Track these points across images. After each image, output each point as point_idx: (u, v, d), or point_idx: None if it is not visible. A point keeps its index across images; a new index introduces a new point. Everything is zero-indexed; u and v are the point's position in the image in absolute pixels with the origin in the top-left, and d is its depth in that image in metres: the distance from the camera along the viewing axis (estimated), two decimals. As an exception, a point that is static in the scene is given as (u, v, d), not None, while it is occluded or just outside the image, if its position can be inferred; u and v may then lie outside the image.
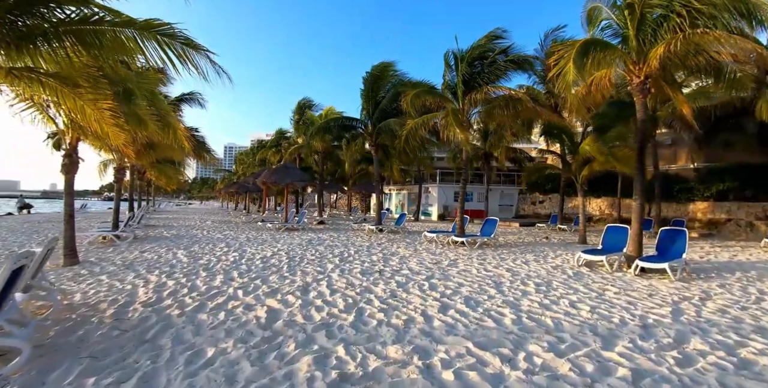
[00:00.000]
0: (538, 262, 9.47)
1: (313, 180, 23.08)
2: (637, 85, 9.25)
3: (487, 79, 12.94)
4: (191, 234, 14.45)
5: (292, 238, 13.44)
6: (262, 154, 36.05)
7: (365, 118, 17.83)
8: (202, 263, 8.25)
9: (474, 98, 12.12)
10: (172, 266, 7.94)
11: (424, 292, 5.95)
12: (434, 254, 10.21)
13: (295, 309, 4.93)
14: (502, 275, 7.54)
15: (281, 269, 7.60)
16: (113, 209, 13.31)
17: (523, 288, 6.50)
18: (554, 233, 18.49)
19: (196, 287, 6.12)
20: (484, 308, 5.24)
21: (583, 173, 14.76)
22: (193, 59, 5.66)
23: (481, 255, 10.27)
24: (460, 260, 9.31)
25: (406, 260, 9.03)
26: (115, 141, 6.67)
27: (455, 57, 13.85)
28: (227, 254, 9.52)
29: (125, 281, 6.63)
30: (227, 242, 12.07)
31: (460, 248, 11.55)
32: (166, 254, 9.54)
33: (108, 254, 9.60)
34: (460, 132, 11.57)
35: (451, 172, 31.36)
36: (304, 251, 10.05)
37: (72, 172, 8.60)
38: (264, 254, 9.57)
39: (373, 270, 7.59)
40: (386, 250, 10.75)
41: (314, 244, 11.79)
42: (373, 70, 17.01)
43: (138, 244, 11.50)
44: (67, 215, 8.65)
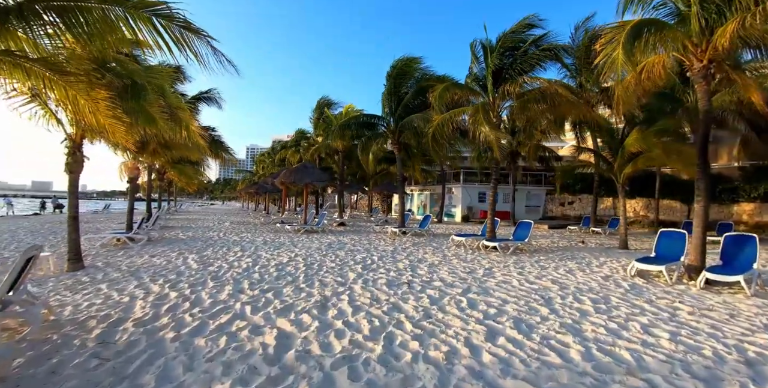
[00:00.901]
0: (583, 271, 8.42)
1: (333, 180, 22.35)
2: (699, 71, 8.11)
3: (519, 70, 11.93)
4: (207, 236, 13.87)
5: (311, 241, 12.68)
6: (281, 155, 35.64)
7: (387, 115, 16.98)
8: (211, 270, 7.52)
9: (506, 91, 11.09)
10: (179, 273, 7.23)
11: (463, 311, 5.02)
12: (466, 261, 9.26)
13: (311, 334, 4.08)
14: (548, 289, 6.55)
15: (297, 278, 6.79)
16: (127, 210, 12.83)
17: (579, 306, 5.51)
18: (588, 237, 17.24)
19: (200, 300, 5.36)
20: (539, 333, 4.29)
21: (625, 171, 13.52)
22: (192, 45, 4.89)
23: (517, 262, 9.27)
24: (495, 268, 8.33)
25: (435, 268, 8.11)
26: (115, 135, 5.98)
27: (483, 48, 12.88)
28: (240, 259, 8.79)
29: (125, 291, 5.94)
30: (242, 245, 11.38)
31: (493, 254, 10.55)
32: (176, 259, 8.87)
33: (116, 258, 9.01)
34: (490, 130, 10.58)
35: (475, 172, 30.19)
36: (323, 257, 9.24)
37: (76, 171, 8.02)
38: (280, 259, 8.80)
39: (401, 281, 6.69)
40: (412, 256, 9.84)
41: (334, 248, 10.98)
42: (396, 65, 16.15)
43: (151, 247, 10.92)
44: (71, 217, 8.08)
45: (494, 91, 12.06)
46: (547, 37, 11.95)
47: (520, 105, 11.96)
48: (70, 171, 7.94)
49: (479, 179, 30.64)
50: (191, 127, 8.35)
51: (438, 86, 11.95)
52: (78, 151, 8.04)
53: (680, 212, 25.64)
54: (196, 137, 8.38)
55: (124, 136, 5.98)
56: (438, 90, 11.78)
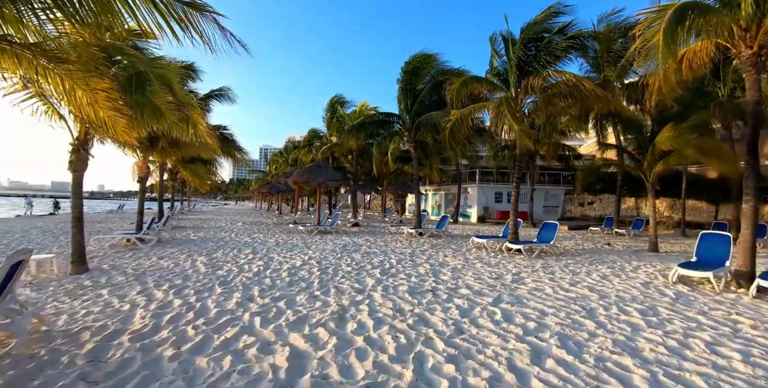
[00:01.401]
0: (618, 276, 7.76)
1: (346, 180, 21.88)
2: (748, 59, 7.39)
3: (544, 62, 11.27)
4: (218, 237, 13.48)
5: (325, 242, 12.18)
6: (294, 155, 35.31)
7: (403, 112, 16.40)
8: (220, 274, 7.06)
9: (531, 84, 10.44)
10: (186, 277, 6.78)
11: (498, 325, 4.44)
12: (490, 264, 8.65)
13: (328, 353, 3.54)
14: (587, 297, 5.92)
15: (311, 284, 6.27)
16: (137, 210, 12.51)
17: (627, 319, 4.88)
18: (613, 238, 16.45)
19: (205, 310, 4.88)
20: (592, 354, 3.69)
21: (656, 170, 12.71)
22: (196, 24, 4.38)
23: (545, 267, 8.64)
24: (524, 273, 7.72)
25: (459, 273, 7.52)
26: (115, 129, 5.54)
27: (504, 40, 12.26)
28: (251, 262, 8.32)
29: (126, 298, 5.49)
30: (254, 247, 10.94)
31: (517, 258, 9.92)
32: (185, 261, 8.45)
33: (124, 260, 8.64)
34: (515, 123, 9.93)
35: (491, 172, 29.43)
36: (338, 260, 8.72)
37: (80, 169, 7.63)
38: (293, 262, 8.30)
39: (424, 288, 6.12)
40: (432, 259, 9.27)
41: (349, 250, 10.46)
42: (412, 61, 15.54)
43: (160, 248, 10.55)
44: (75, 218, 7.72)
45: (517, 85, 11.43)
46: (573, 24, 11.26)
47: (544, 99, 11.29)
48: (74, 170, 7.57)
49: (495, 179, 29.90)
50: (199, 124, 7.90)
51: (456, 81, 11.36)
52: (82, 148, 7.66)
53: (707, 212, 24.60)
54: (204, 135, 7.93)
55: (125, 131, 5.54)
56: (456, 84, 11.19)
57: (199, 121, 7.87)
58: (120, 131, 5.47)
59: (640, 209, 27.48)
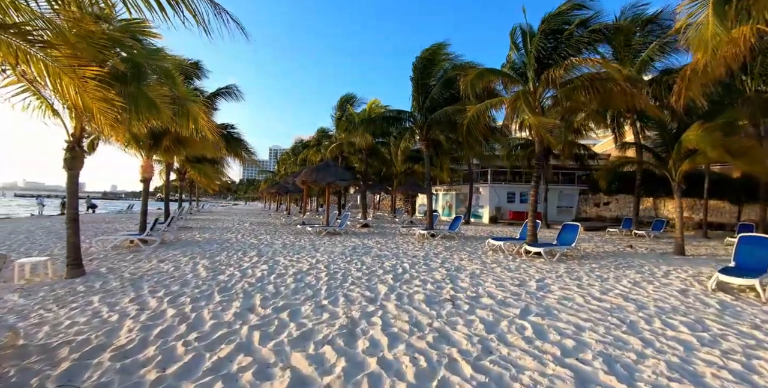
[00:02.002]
0: (650, 283, 7.13)
1: (356, 179, 21.37)
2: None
3: (565, 54, 10.64)
4: (224, 238, 13.06)
5: (334, 244, 11.68)
6: (303, 154, 34.91)
7: (414, 109, 15.84)
8: (221, 279, 6.58)
9: (552, 76, 9.82)
10: (184, 283, 6.32)
11: (531, 343, 3.88)
12: (510, 269, 8.07)
13: (336, 381, 3.01)
14: (624, 308, 5.33)
15: (318, 292, 5.75)
16: (141, 210, 12.13)
17: (675, 335, 4.29)
18: (633, 240, 15.75)
19: (200, 322, 4.39)
20: (647, 382, 3.12)
21: (682, 168, 11.99)
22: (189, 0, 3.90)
23: (570, 272, 8.04)
24: (548, 279, 7.13)
25: (478, 279, 6.96)
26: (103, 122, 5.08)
27: (523, 33, 11.66)
28: (255, 266, 7.83)
29: (117, 306, 5.04)
30: (260, 249, 10.47)
31: (538, 261, 9.33)
32: (186, 264, 8.00)
33: (123, 263, 8.22)
34: (533, 117, 9.32)
35: (504, 171, 28.73)
36: (347, 264, 8.20)
37: (75, 167, 7.20)
38: (299, 267, 7.80)
39: (442, 297, 5.57)
40: (447, 262, 8.71)
41: (359, 253, 9.94)
42: (424, 54, 14.95)
43: (163, 250, 10.14)
44: (70, 219, 7.26)
45: (536, 78, 10.81)
46: (597, 16, 10.62)
47: (564, 93, 10.67)
48: (69, 168, 7.14)
49: (508, 178, 29.20)
50: (200, 118, 7.44)
51: (471, 72, 10.77)
52: (77, 146, 7.23)
53: (729, 213, 23.66)
54: (205, 131, 7.48)
55: (114, 124, 5.07)
56: (471, 76, 10.60)
57: (200, 116, 7.41)
58: (108, 124, 5.00)
59: (658, 209, 26.58)
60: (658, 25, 17.83)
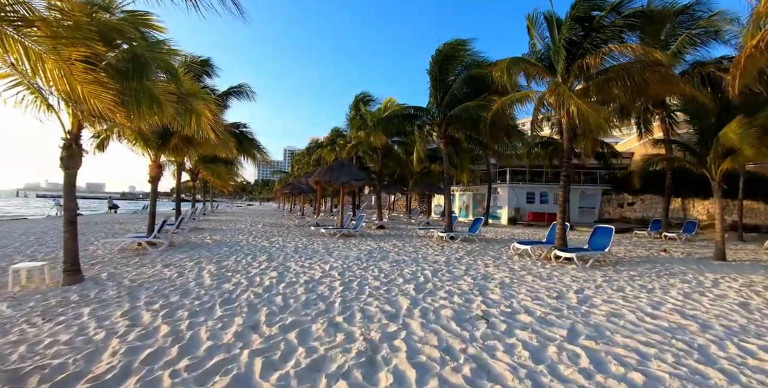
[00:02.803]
0: (702, 295, 6.33)
1: (371, 180, 20.71)
2: None
3: (598, 41, 9.82)
4: (235, 241, 12.55)
5: (349, 248, 11.05)
6: (317, 154, 34.45)
7: (432, 106, 15.12)
8: (226, 288, 6.00)
9: (587, 64, 9.02)
10: (185, 292, 5.75)
11: (590, 378, 3.16)
12: (542, 277, 7.32)
13: (354, 433, 2.38)
14: (685, 328, 4.56)
15: (332, 305, 5.10)
16: (149, 212, 11.69)
17: (757, 364, 3.54)
18: (664, 243, 14.84)
19: (195, 343, 3.79)
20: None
21: (722, 167, 11.05)
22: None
23: (608, 280, 7.26)
24: (588, 290, 6.37)
25: (510, 289, 6.23)
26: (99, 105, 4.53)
27: (548, 20, 10.89)
28: (264, 273, 7.23)
29: (106, 321, 4.48)
30: (270, 253, 9.90)
31: (569, 267, 8.56)
32: (191, 270, 7.46)
33: (126, 268, 7.73)
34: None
35: (523, 171, 27.78)
36: (363, 271, 7.54)
37: (72, 167, 6.71)
38: (311, 274, 7.17)
39: (474, 314, 4.85)
40: (472, 269, 8.00)
41: (376, 258, 9.29)
42: (442, 49, 14.21)
43: (170, 253, 9.65)
44: (68, 221, 6.77)
45: (565, 69, 10.01)
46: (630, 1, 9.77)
47: (596, 85, 9.83)
48: (66, 167, 6.65)
49: (527, 178, 28.24)
50: (203, 116, 6.87)
51: (503, 60, 10.00)
52: (75, 144, 6.74)
53: (764, 214, 22.35)
54: (207, 129, 6.90)
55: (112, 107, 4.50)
56: (505, 63, 9.84)
57: (205, 114, 6.84)
58: (106, 107, 4.44)
59: (687, 210, 25.31)
60: (690, 16, 16.82)
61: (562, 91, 9.03)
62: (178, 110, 6.67)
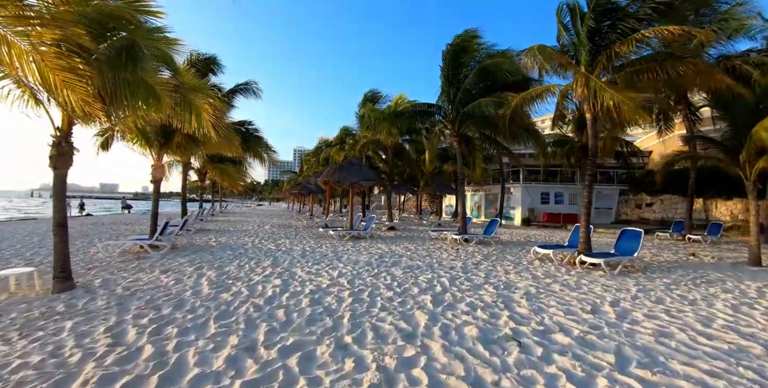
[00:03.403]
0: (752, 307, 5.68)
1: (381, 179, 20.14)
2: None
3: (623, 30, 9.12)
4: (240, 243, 12.07)
5: (359, 251, 10.49)
6: (326, 153, 33.96)
7: (444, 102, 14.49)
8: (224, 299, 5.47)
9: (617, 52, 8.34)
10: (179, 303, 5.23)
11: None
12: (570, 286, 6.67)
13: None
14: (747, 350, 3.91)
15: (340, 321, 4.52)
16: (151, 213, 11.26)
17: None
18: (689, 246, 14.08)
19: (179, 371, 3.25)
20: None
21: (758, 166, 10.26)
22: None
23: (643, 290, 6.60)
24: (624, 302, 5.72)
25: (538, 301, 5.60)
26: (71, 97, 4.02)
27: (571, 10, 10.23)
28: (268, 280, 6.70)
29: (87, 338, 3.98)
30: (276, 257, 9.38)
31: (597, 274, 7.91)
32: (190, 277, 6.96)
33: (123, 273, 7.28)
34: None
35: (537, 170, 27.00)
36: (374, 278, 6.96)
37: (62, 166, 6.23)
38: (318, 282, 6.61)
39: (502, 334, 4.22)
40: (492, 277, 7.38)
41: (388, 263, 8.71)
42: (455, 42, 13.60)
43: (171, 257, 9.20)
44: (57, 223, 6.31)
45: (589, 60, 9.33)
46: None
47: (626, 77, 9.13)
48: (55, 167, 6.18)
49: (542, 178, 27.45)
50: (204, 112, 6.35)
51: (532, 47, 9.36)
52: (65, 142, 6.26)
53: (795, 216, 21.34)
54: (208, 126, 6.38)
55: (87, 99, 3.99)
56: (534, 48, 9.20)
57: (204, 109, 6.32)
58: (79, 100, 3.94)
59: (709, 211, 24.29)
60: (713, 10, 16.01)
61: (593, 83, 8.35)
62: (177, 103, 6.17)
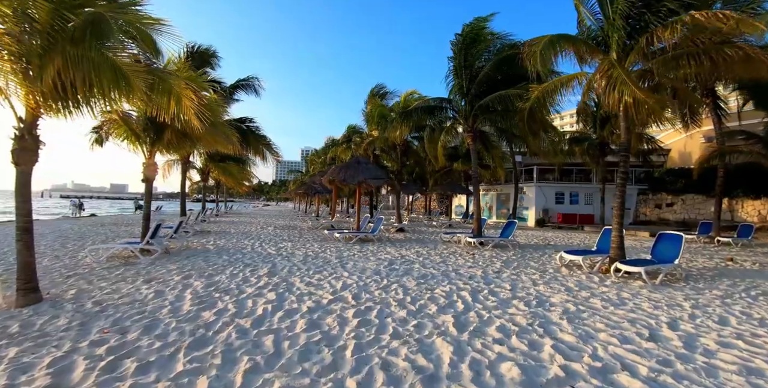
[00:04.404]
0: (838, 328, 4.66)
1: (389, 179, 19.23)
2: None
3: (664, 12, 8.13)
4: (239, 247, 11.23)
5: (366, 257, 9.59)
6: (332, 153, 33.12)
7: (457, 96, 13.55)
8: (205, 319, 4.58)
9: (660, 36, 7.35)
10: (151, 324, 4.36)
11: None
12: (611, 301, 5.70)
13: None
14: None
15: (341, 355, 3.55)
16: (143, 215, 10.45)
17: None
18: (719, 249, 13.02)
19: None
20: None
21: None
22: None
23: (694, 304, 5.65)
24: (683, 322, 4.75)
25: (581, 323, 4.63)
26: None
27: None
28: (260, 294, 5.79)
29: (23, 375, 3.14)
30: (274, 263, 8.50)
31: (636, 285, 6.94)
32: (174, 288, 6.10)
33: (102, 282, 6.48)
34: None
35: (552, 169, 25.93)
36: (384, 292, 6.02)
37: (25, 162, 5.40)
38: (318, 296, 5.69)
39: (551, 378, 3.25)
40: (519, 288, 6.43)
41: (398, 271, 7.79)
42: (466, 31, 12.63)
43: (161, 263, 8.39)
44: (21, 228, 5.49)
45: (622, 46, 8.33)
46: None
47: (663, 64, 8.10)
48: (17, 163, 5.36)
49: (556, 177, 26.37)
50: (185, 99, 5.47)
51: (539, 40, 8.39)
52: (29, 134, 5.43)
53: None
54: (190, 114, 5.51)
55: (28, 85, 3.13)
56: (540, 45, 8.22)
57: (186, 94, 5.45)
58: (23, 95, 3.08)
59: (734, 211, 23.06)
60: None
61: (615, 75, 7.35)
62: (153, 87, 5.30)
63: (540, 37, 8.60)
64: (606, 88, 7.37)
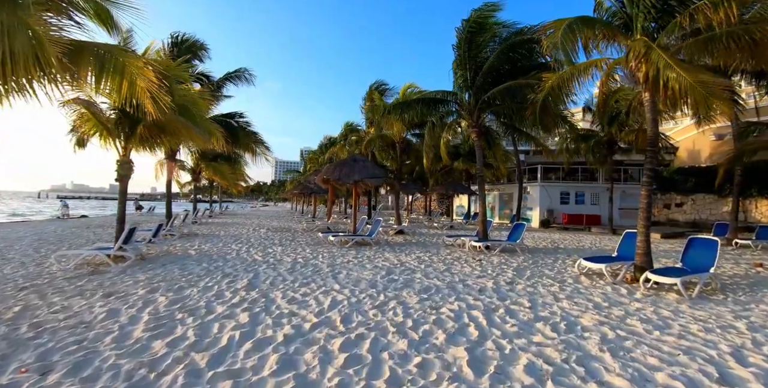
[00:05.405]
0: None
1: (388, 178, 18.28)
2: None
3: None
4: (224, 252, 10.28)
5: (361, 264, 8.64)
6: (330, 152, 32.15)
7: (461, 89, 12.59)
8: (154, 352, 3.64)
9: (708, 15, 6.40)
10: (83, 361, 3.42)
11: None
12: (654, 323, 4.75)
13: None
14: None
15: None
16: (117, 217, 9.51)
17: None
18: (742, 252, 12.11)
19: None
20: None
21: None
22: None
23: (749, 324, 4.74)
24: (748, 353, 3.82)
25: (628, 355, 3.69)
26: None
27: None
28: (232, 314, 4.82)
29: None
30: (257, 273, 7.54)
31: (671, 298, 6.03)
32: (133, 306, 5.14)
33: (55, 298, 5.56)
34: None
35: (557, 168, 25.01)
36: (380, 312, 5.03)
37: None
38: (300, 318, 4.71)
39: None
40: (540, 306, 5.48)
41: (397, 283, 6.82)
42: (471, 19, 11.66)
43: (132, 271, 7.45)
44: None
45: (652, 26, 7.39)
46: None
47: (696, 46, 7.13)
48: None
49: (561, 176, 25.45)
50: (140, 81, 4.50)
51: (558, 24, 7.44)
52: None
53: None
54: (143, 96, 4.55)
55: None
56: (559, 29, 7.27)
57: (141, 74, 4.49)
58: None
59: (748, 212, 22.11)
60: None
61: (655, 57, 6.39)
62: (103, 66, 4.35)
63: (555, 21, 7.65)
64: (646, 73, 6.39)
